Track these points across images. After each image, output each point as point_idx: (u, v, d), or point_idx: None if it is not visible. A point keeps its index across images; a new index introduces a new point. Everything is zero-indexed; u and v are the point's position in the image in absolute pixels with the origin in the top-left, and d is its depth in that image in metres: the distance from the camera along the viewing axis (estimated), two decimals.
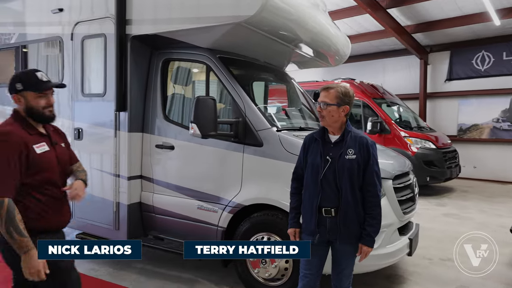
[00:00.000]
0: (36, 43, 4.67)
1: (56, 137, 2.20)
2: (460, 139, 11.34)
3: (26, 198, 1.99)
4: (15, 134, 1.96)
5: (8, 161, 1.89)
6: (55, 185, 2.09)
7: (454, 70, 11.53)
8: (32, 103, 2.04)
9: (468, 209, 7.28)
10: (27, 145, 1.96)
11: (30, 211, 1.99)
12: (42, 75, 2.07)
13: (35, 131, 2.06)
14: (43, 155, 2.02)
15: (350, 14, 9.59)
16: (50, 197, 2.07)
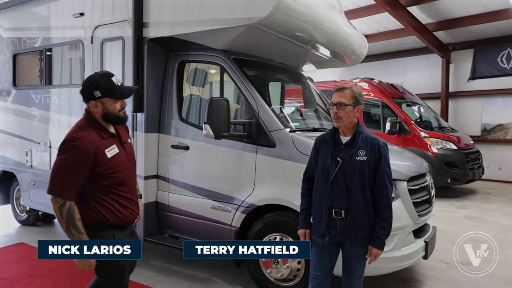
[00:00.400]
0: (59, 46, 4.84)
1: (124, 133, 2.29)
2: (484, 140, 11.00)
3: (99, 197, 2.10)
4: (86, 140, 2.00)
5: (76, 166, 1.96)
6: (125, 183, 2.19)
7: (477, 68, 11.18)
8: (110, 109, 2.11)
9: (490, 211, 7.06)
10: (97, 150, 2.02)
11: (103, 209, 2.11)
12: (117, 80, 2.12)
13: (107, 134, 2.13)
14: (113, 158, 2.10)
15: (369, 12, 9.47)
16: (120, 195, 2.17)
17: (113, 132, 2.19)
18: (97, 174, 2.05)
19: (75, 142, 1.98)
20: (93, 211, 2.10)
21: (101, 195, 2.11)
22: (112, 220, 2.14)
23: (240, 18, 3.21)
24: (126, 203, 2.20)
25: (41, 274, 3.88)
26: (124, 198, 2.19)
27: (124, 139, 2.24)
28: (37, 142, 5.08)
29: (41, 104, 5.03)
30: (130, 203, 2.23)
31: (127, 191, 2.21)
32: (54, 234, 5.45)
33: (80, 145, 1.97)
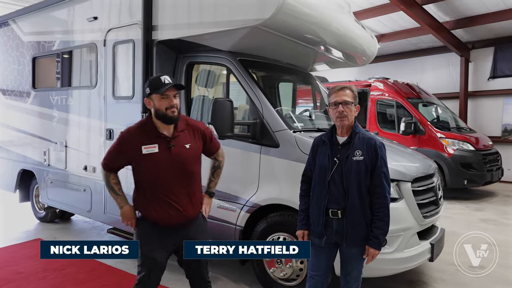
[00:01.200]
0: (75, 49, 5.01)
1: (185, 138, 2.32)
2: (505, 141, 10.67)
3: (138, 191, 2.33)
4: (128, 134, 2.28)
5: (115, 149, 2.30)
6: (160, 184, 2.24)
7: (498, 67, 10.86)
8: (157, 105, 2.23)
9: (509, 214, 6.87)
10: (134, 145, 2.23)
11: (140, 204, 2.33)
12: (165, 78, 2.24)
13: (154, 133, 2.26)
14: (149, 155, 2.21)
15: (385, 11, 9.35)
16: (158, 196, 2.25)
17: (162, 133, 2.26)
18: (133, 167, 2.29)
19: (121, 134, 2.31)
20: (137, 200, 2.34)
21: (141, 189, 2.31)
22: (148, 216, 2.30)
23: (244, 20, 3.25)
24: (160, 204, 2.24)
25: (55, 269, 4.04)
26: (158, 199, 2.24)
27: (174, 142, 2.26)
28: (54, 142, 5.28)
29: (58, 105, 5.22)
30: (165, 205, 2.24)
31: (164, 192, 2.24)
32: (70, 230, 5.64)
33: (122, 137, 2.28)
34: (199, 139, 2.40)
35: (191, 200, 2.34)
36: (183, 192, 2.30)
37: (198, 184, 2.43)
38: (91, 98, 4.71)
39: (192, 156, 2.35)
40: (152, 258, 2.30)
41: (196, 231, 2.40)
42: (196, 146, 2.38)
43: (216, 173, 2.61)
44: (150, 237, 2.31)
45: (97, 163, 4.61)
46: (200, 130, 2.43)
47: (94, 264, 4.23)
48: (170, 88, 2.21)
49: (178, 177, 2.28)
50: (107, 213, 4.52)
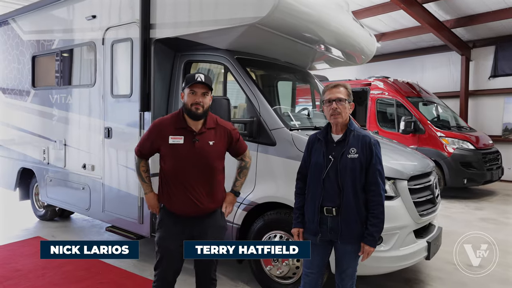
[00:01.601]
0: (74, 48, 5.02)
1: (210, 136, 2.41)
2: (506, 140, 10.65)
3: (161, 181, 2.45)
4: (159, 124, 2.45)
5: (146, 137, 2.47)
6: (180, 174, 2.34)
7: (499, 66, 10.83)
8: (186, 100, 2.36)
9: (509, 214, 6.86)
10: (162, 134, 2.37)
11: (162, 192, 2.44)
12: (199, 76, 2.33)
13: (182, 125, 2.38)
14: (174, 146, 2.35)
15: (385, 10, 9.35)
16: (176, 185, 2.36)
17: (190, 127, 2.37)
18: (161, 155, 2.42)
19: (153, 122, 2.50)
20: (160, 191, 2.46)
21: (164, 179, 2.42)
22: (166, 204, 2.42)
23: (241, 18, 3.25)
24: (177, 194, 2.35)
25: (54, 266, 4.05)
26: (176, 188, 2.35)
27: (199, 137, 2.36)
28: (53, 140, 5.30)
29: (57, 103, 5.24)
30: (182, 196, 2.34)
31: (182, 182, 2.34)
32: (70, 229, 5.66)
33: (153, 125, 2.47)
34: (225, 139, 2.48)
35: (208, 195, 2.40)
36: (200, 185, 2.37)
37: (218, 181, 2.48)
38: (90, 97, 4.72)
39: (215, 153, 2.41)
40: (166, 246, 2.40)
41: (213, 225, 2.46)
42: (220, 145, 2.45)
43: (243, 173, 2.65)
44: (165, 225, 2.42)
45: (96, 161, 4.63)
46: (228, 131, 2.51)
47: (93, 262, 4.24)
48: (200, 85, 2.32)
49: (198, 170, 2.36)
50: (106, 211, 4.54)
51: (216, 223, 2.49)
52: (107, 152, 4.47)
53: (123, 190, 4.30)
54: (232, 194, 2.62)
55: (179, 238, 2.39)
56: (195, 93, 2.33)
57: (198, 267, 2.54)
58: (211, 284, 2.55)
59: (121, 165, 4.29)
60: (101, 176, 4.56)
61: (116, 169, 4.36)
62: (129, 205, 4.22)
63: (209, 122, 2.44)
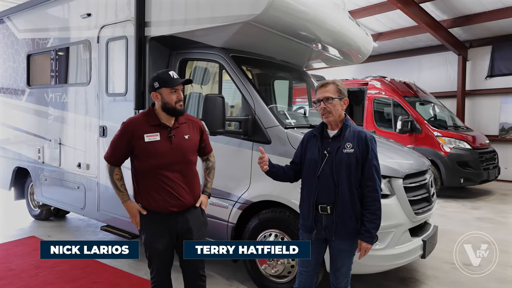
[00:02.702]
0: (69, 46, 5.00)
1: (184, 130, 2.43)
2: (502, 139, 10.67)
3: (137, 182, 2.40)
4: (131, 123, 2.38)
5: (119, 140, 2.37)
6: (163, 171, 2.32)
7: (496, 66, 10.85)
8: (167, 99, 2.33)
9: (505, 213, 6.86)
10: (137, 133, 2.32)
11: (139, 193, 2.39)
12: (173, 74, 2.37)
13: (155, 123, 2.36)
14: (151, 143, 2.31)
15: (382, 10, 9.33)
16: (156, 182, 2.33)
17: (164, 123, 2.37)
18: (135, 155, 2.35)
19: (124, 123, 2.41)
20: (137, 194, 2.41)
21: (140, 179, 2.37)
22: (145, 204, 2.38)
23: (235, 16, 3.24)
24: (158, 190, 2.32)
25: (48, 266, 4.02)
26: (157, 185, 2.32)
27: (175, 132, 2.37)
28: (48, 139, 5.27)
29: (52, 102, 5.21)
30: (163, 192, 2.33)
31: (162, 179, 2.32)
32: (65, 228, 5.63)
33: (125, 126, 2.37)
34: (197, 132, 2.53)
35: (188, 187, 2.41)
36: (181, 180, 2.38)
37: (195, 173, 2.51)
38: (85, 95, 4.69)
39: (191, 146, 2.46)
40: (153, 248, 2.39)
41: (195, 221, 2.46)
42: (195, 138, 2.49)
43: (211, 174, 2.69)
44: (150, 226, 2.40)
45: (90, 160, 4.61)
46: (198, 124, 2.56)
47: (87, 261, 4.21)
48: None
49: (177, 165, 2.37)
50: (101, 211, 4.51)
51: (200, 220, 2.51)
52: (102, 150, 4.44)
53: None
54: (206, 196, 2.62)
55: (165, 237, 2.39)
56: (176, 90, 2.35)
57: (185, 265, 2.51)
58: (200, 280, 2.52)
59: None
60: (96, 175, 4.53)
61: None
62: None
63: (181, 117, 2.45)
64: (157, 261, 2.44)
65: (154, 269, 2.46)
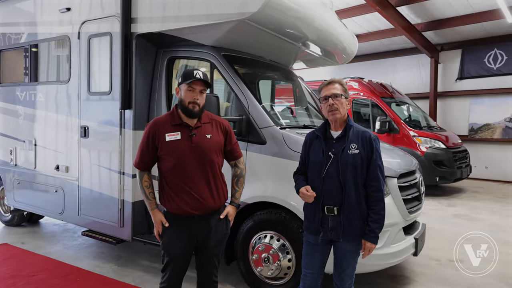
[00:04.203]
0: (45, 42, 4.73)
1: (207, 129, 2.36)
2: (472, 139, 11.15)
3: (160, 180, 2.35)
4: (154, 123, 2.35)
5: (145, 143, 2.34)
6: (184, 171, 2.26)
7: (465, 68, 11.33)
8: (183, 96, 2.30)
9: (479, 210, 7.15)
10: (159, 133, 2.29)
11: (163, 195, 2.34)
12: (197, 73, 2.27)
13: (177, 122, 2.32)
14: (171, 143, 2.27)
15: (360, 12, 9.50)
16: (177, 184, 2.28)
17: (186, 122, 2.31)
18: (158, 155, 2.32)
19: (147, 124, 2.39)
20: (161, 196, 2.36)
21: (164, 181, 2.33)
22: (168, 207, 2.33)
23: (231, 14, 3.17)
24: (178, 192, 2.27)
25: (25, 275, 3.78)
26: (177, 187, 2.27)
27: (196, 131, 2.30)
28: (21, 141, 4.97)
29: (26, 101, 4.92)
30: (184, 194, 2.27)
31: (183, 180, 2.26)
32: (40, 234, 5.33)
33: (149, 127, 2.35)
34: (221, 133, 2.43)
35: (210, 190, 2.33)
36: (202, 181, 2.30)
37: (219, 176, 2.40)
38: (64, 94, 4.46)
39: (213, 146, 2.36)
40: (172, 251, 2.33)
41: (217, 228, 2.38)
42: (218, 138, 2.40)
43: (240, 182, 2.55)
44: (169, 230, 2.34)
45: (70, 162, 4.38)
46: (223, 125, 2.46)
47: (69, 268, 4.01)
48: (198, 82, 2.26)
49: (197, 165, 2.29)
50: (82, 215, 4.30)
51: (222, 229, 2.42)
52: (83, 152, 4.24)
53: (102, 192, 4.08)
54: (233, 207, 2.52)
55: (183, 241, 2.34)
56: (193, 90, 2.27)
57: (200, 270, 2.46)
58: (212, 286, 2.48)
59: (99, 165, 4.07)
60: (77, 177, 4.32)
61: (94, 170, 4.14)
62: (108, 207, 4.01)
63: (204, 117, 2.39)
64: (172, 266, 2.35)
65: (167, 274, 2.36)
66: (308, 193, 2.21)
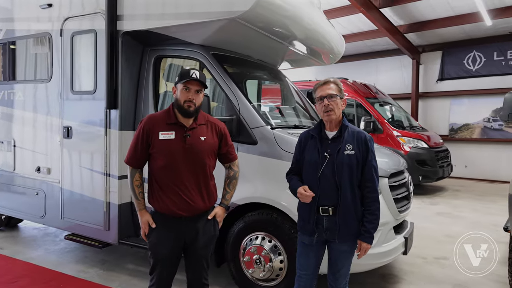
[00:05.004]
0: (24, 39, 4.55)
1: (201, 131, 2.32)
2: (452, 139, 11.43)
3: (150, 179, 2.31)
4: (149, 119, 2.31)
5: (137, 139, 2.30)
6: (175, 172, 2.23)
7: (445, 70, 11.61)
8: (178, 95, 2.26)
9: (460, 207, 7.32)
10: (153, 130, 2.25)
11: (152, 194, 2.30)
12: (194, 72, 2.23)
13: (172, 121, 2.27)
14: (164, 141, 2.23)
15: (344, 13, 9.58)
16: (167, 183, 2.24)
17: (181, 122, 2.27)
18: (150, 153, 2.28)
19: (142, 120, 2.34)
20: (149, 195, 2.32)
21: (153, 180, 2.29)
22: (156, 207, 2.29)
23: (221, 12, 3.12)
24: (168, 192, 2.24)
25: (5, 281, 3.63)
26: (167, 187, 2.24)
27: (191, 133, 2.26)
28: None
29: (4, 100, 4.72)
30: (173, 194, 2.23)
31: (173, 180, 2.23)
32: (19, 239, 5.13)
33: (144, 122, 2.30)
34: (216, 135, 2.40)
35: (200, 192, 2.30)
36: (193, 183, 2.27)
37: (210, 178, 2.37)
38: (46, 93, 4.30)
39: (206, 148, 2.33)
40: (159, 252, 2.29)
41: (205, 230, 2.34)
42: (212, 141, 2.36)
43: (232, 184, 2.52)
44: (157, 230, 2.31)
45: (52, 163, 4.23)
46: (218, 127, 2.42)
47: (51, 274, 3.87)
48: (194, 82, 2.23)
49: (189, 167, 2.26)
50: (65, 218, 4.15)
51: (210, 231, 2.39)
52: (66, 153, 4.09)
53: (86, 195, 3.95)
54: (222, 208, 2.48)
55: (172, 243, 2.30)
56: (188, 89, 2.24)
57: (189, 273, 2.41)
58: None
59: (83, 167, 3.94)
60: (59, 179, 4.17)
61: (78, 171, 4.00)
62: (93, 210, 3.89)
63: (200, 118, 2.35)
64: (160, 268, 2.30)
65: (156, 276, 2.31)
66: (306, 193, 2.18)
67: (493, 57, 10.82)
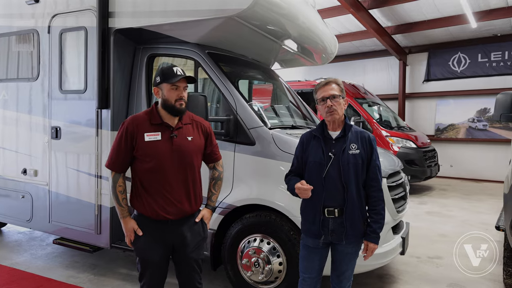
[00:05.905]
0: (8, 36, 4.38)
1: (188, 131, 2.26)
2: (438, 139, 11.61)
3: (134, 182, 2.23)
4: (132, 121, 2.20)
5: (119, 142, 2.19)
6: (162, 173, 2.16)
7: (431, 71, 11.79)
8: (166, 95, 2.17)
9: (449, 207, 7.42)
10: (137, 132, 2.16)
11: (136, 196, 2.22)
12: (177, 69, 2.17)
13: (157, 122, 2.19)
14: (150, 143, 2.15)
15: (333, 14, 9.61)
16: (153, 186, 2.17)
17: (167, 122, 2.20)
18: (134, 155, 2.19)
19: (124, 121, 2.24)
20: (133, 197, 2.24)
21: (138, 183, 2.21)
22: (142, 210, 2.21)
23: (219, 10, 3.05)
24: (154, 194, 2.17)
25: None
26: (153, 189, 2.17)
27: (177, 133, 2.20)
28: None
29: None
30: (160, 197, 2.17)
31: (160, 182, 2.16)
32: (2, 243, 4.93)
33: (126, 124, 2.20)
34: (202, 135, 2.35)
35: (188, 194, 2.24)
36: (180, 184, 2.21)
37: (197, 179, 2.32)
38: (32, 92, 4.14)
39: (193, 148, 2.27)
40: (147, 258, 2.23)
41: (193, 233, 2.28)
42: (199, 141, 2.32)
43: (217, 185, 2.48)
44: (144, 233, 2.23)
45: (39, 165, 4.08)
46: (204, 126, 2.38)
47: (39, 280, 3.73)
48: (182, 80, 2.17)
49: (177, 167, 2.20)
50: (53, 222, 4.01)
51: (199, 233, 2.33)
52: (54, 154, 3.95)
53: (75, 197, 3.82)
54: (209, 210, 2.43)
55: (159, 246, 2.24)
56: (177, 87, 2.18)
57: (182, 277, 2.35)
58: None
59: (73, 169, 3.81)
60: (47, 182, 4.02)
61: (67, 173, 3.87)
62: (83, 213, 3.77)
63: (185, 118, 2.30)
64: (150, 273, 2.22)
65: (146, 283, 2.24)
66: (304, 186, 2.10)
67: (477, 58, 11.05)
